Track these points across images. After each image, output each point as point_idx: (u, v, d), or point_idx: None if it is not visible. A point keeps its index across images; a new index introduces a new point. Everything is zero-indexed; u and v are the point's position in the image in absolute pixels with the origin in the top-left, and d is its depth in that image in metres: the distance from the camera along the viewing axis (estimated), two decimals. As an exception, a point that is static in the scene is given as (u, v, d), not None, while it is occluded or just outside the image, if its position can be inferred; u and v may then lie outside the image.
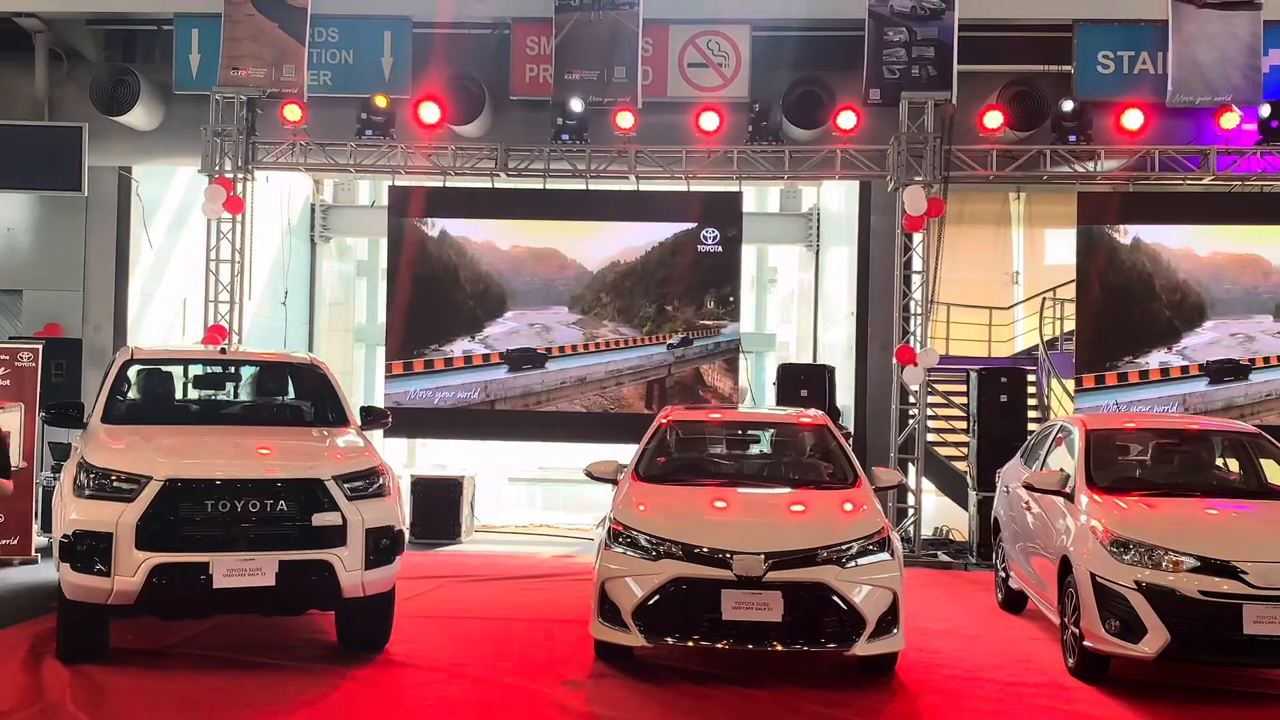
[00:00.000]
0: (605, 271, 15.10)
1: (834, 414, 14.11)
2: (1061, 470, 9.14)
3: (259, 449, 8.39)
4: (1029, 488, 9.39)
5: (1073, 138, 14.13)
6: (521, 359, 14.98)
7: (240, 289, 14.75)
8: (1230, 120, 14.02)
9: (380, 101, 14.32)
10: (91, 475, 7.78)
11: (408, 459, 20.08)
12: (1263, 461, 9.47)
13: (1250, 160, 14.16)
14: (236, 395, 10.60)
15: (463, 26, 15.30)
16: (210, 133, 14.54)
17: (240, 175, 14.66)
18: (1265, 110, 13.93)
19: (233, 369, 10.29)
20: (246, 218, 14.82)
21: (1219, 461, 9.89)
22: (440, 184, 15.09)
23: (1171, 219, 14.60)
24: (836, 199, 18.30)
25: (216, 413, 9.91)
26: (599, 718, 7.17)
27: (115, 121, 14.93)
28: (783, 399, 14.61)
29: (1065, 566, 8.41)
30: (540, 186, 14.99)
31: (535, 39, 14.76)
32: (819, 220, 19.39)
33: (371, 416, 9.57)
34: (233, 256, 14.70)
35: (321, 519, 7.76)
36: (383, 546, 8.01)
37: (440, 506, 14.41)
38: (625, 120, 14.21)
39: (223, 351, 10.62)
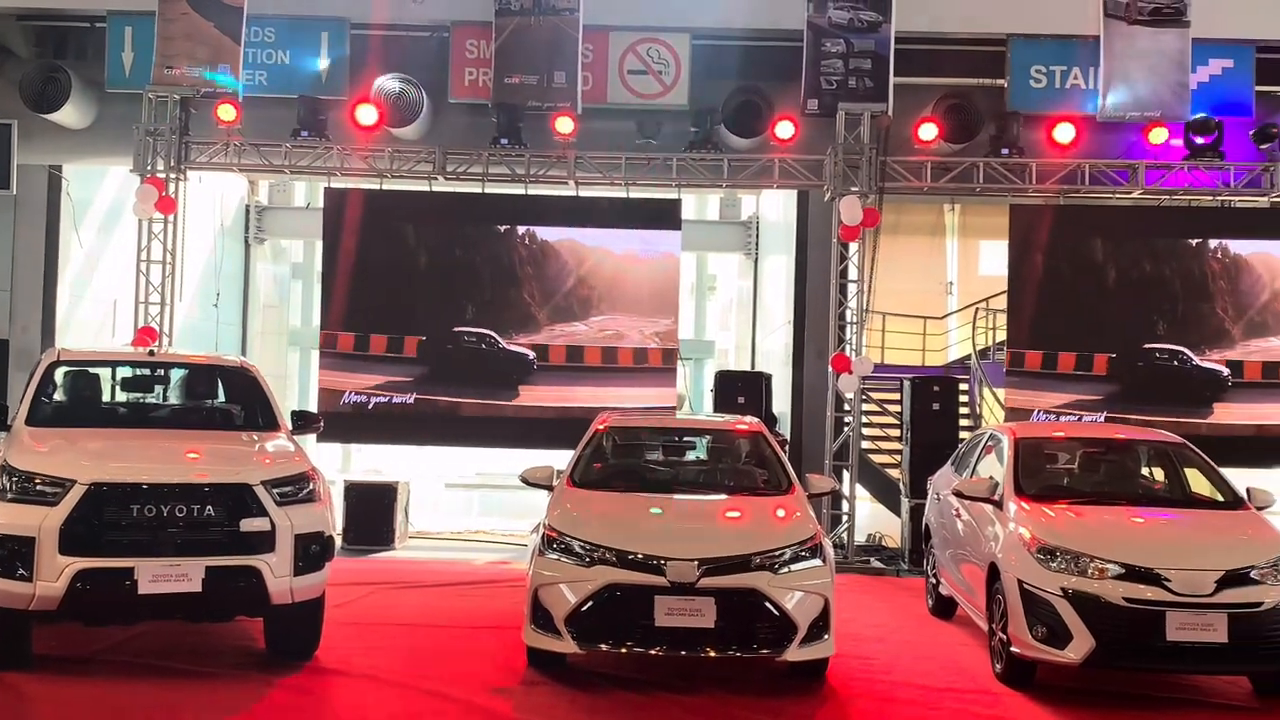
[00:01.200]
0: (549, 277, 15.04)
1: (770, 421, 14.18)
2: (991, 478, 9.24)
3: (187, 453, 8.26)
4: (959, 495, 9.48)
5: (1005, 151, 14.33)
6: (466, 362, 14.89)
7: (171, 290, 14.52)
8: (1159, 135, 14.28)
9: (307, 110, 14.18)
10: (14, 478, 7.61)
11: (343, 464, 19.89)
12: (1187, 471, 9.64)
13: (1178, 175, 14.44)
14: (165, 398, 10.43)
15: (401, 29, 15.22)
16: (142, 132, 14.32)
17: (173, 175, 14.44)
18: (1196, 128, 14.20)
19: (162, 371, 10.11)
20: (179, 218, 14.60)
21: (1145, 470, 10.05)
22: (377, 186, 14.96)
23: (1101, 232, 14.82)
24: (775, 208, 18.42)
25: (144, 416, 9.71)
26: (529, 725, 7.14)
27: (46, 119, 14.65)
28: (720, 406, 14.65)
29: (994, 573, 8.50)
30: (479, 190, 14.91)
31: (475, 42, 14.70)
32: (758, 228, 19.50)
33: (303, 420, 9.45)
34: (164, 258, 14.48)
35: (250, 524, 7.66)
36: (312, 553, 7.92)
37: (374, 512, 14.26)
38: (565, 125, 14.19)
39: (151, 354, 10.43)
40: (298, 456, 8.40)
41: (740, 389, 14.77)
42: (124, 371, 10.18)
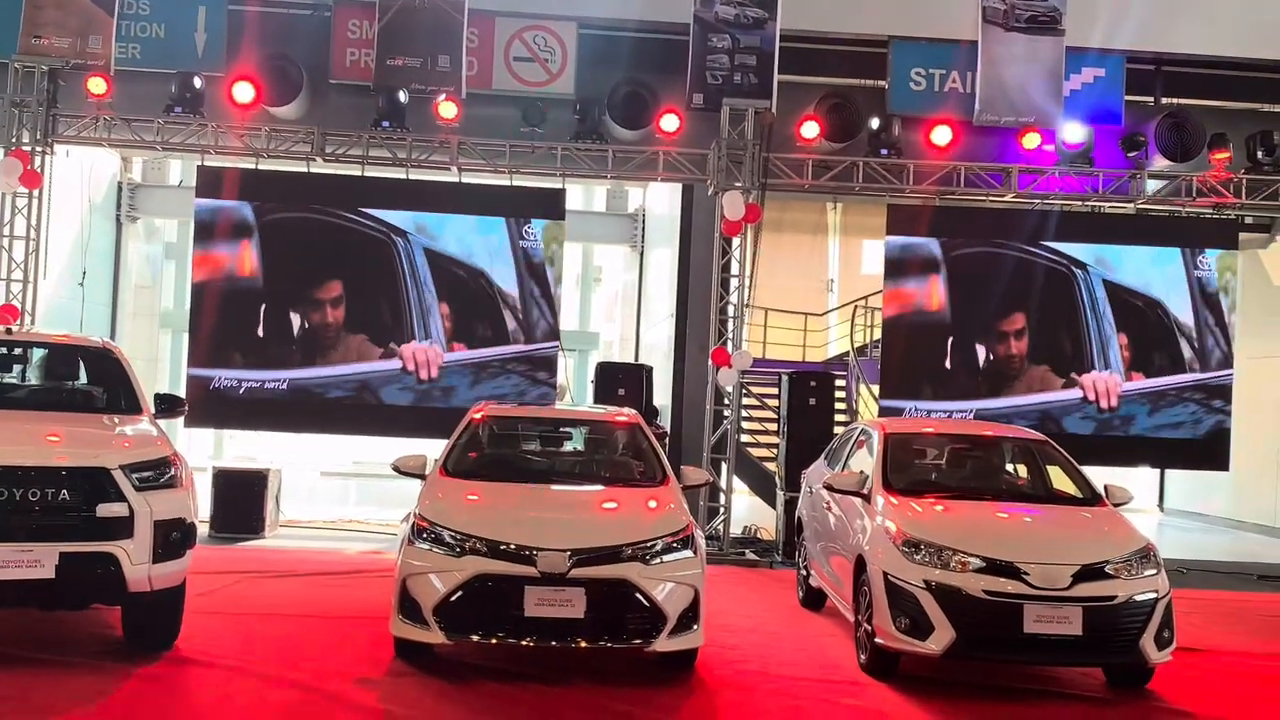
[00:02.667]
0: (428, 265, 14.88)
1: (651, 413, 14.24)
2: (861, 472, 9.38)
3: (44, 435, 7.96)
4: (829, 488, 9.61)
5: (885, 151, 14.57)
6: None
7: (35, 268, 14.04)
8: (1032, 140, 14.67)
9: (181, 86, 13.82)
10: None
11: (214, 451, 19.45)
12: (1049, 468, 9.91)
13: (1049, 179, 14.84)
14: (24, 379, 10.05)
15: (281, 6, 14.95)
16: (8, 103, 13.84)
17: (39, 149, 13.98)
18: (1066, 133, 14.60)
19: (20, 351, 9.75)
20: (44, 193, 14.13)
21: (1009, 467, 10.31)
22: (253, 166, 14.64)
23: (976, 233, 15.16)
24: (662, 201, 18.48)
25: (1, 396, 9.36)
26: (391, 715, 7.04)
27: (-98, 85, 14.03)
28: (601, 397, 14.66)
29: (860, 565, 8.63)
30: (359, 173, 14.68)
31: (358, 22, 14.50)
32: (644, 221, 19.54)
33: (167, 405, 9.18)
34: (28, 233, 13.99)
35: (107, 509, 7.41)
36: (173, 539, 7.71)
37: (243, 500, 13.91)
38: (448, 110, 14.05)
39: (9, 332, 10.04)
40: (159, 441, 8.16)
41: (622, 381, 14.79)
42: (-21, 350, 9.79)
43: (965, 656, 7.99)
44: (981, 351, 15.02)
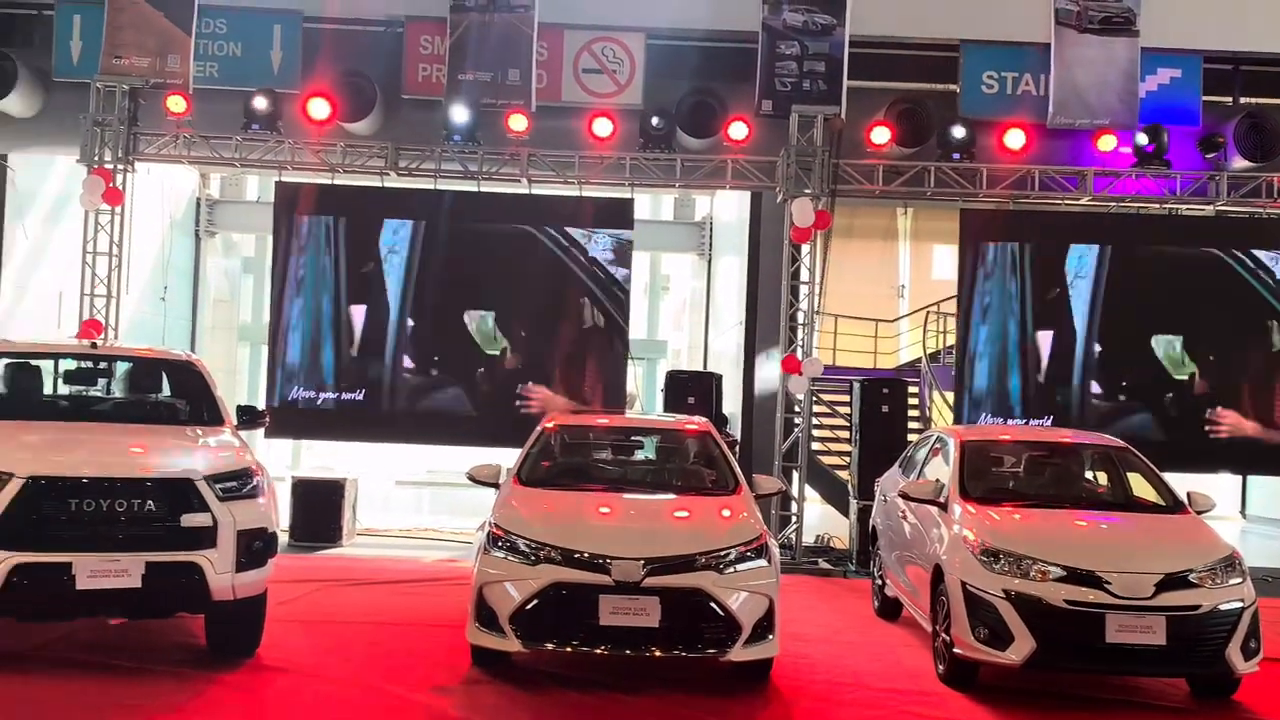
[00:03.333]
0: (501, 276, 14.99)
1: (720, 421, 14.20)
2: (937, 480, 9.29)
3: (129, 447, 8.14)
4: (905, 497, 9.52)
5: (957, 155, 14.43)
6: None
7: (118, 283, 14.33)
8: (1108, 143, 14.45)
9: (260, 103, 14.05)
10: (-51, 472, 7.45)
11: (292, 461, 19.73)
12: (1129, 475, 9.75)
13: (1125, 182, 14.61)
14: (109, 392, 10.28)
15: (355, 23, 15.14)
16: (90, 122, 14.12)
17: (120, 166, 14.26)
18: (1141, 137, 14.36)
19: (105, 365, 9.97)
20: (126, 210, 14.42)
21: (1088, 474, 10.15)
22: (329, 181, 14.85)
23: (1051, 237, 14.95)
24: (729, 209, 18.45)
25: (86, 409, 9.54)
26: (470, 723, 7.10)
27: (-10, 107, 14.44)
28: (670, 406, 14.66)
29: (938, 575, 8.54)
30: (431, 187, 14.83)
31: (429, 38, 14.63)
32: (711, 229, 19.53)
33: (249, 416, 9.35)
34: (110, 249, 14.29)
35: (191, 520, 7.55)
36: (255, 549, 7.83)
37: (321, 509, 14.12)
38: (518, 123, 14.15)
39: (94, 346, 10.26)
40: (242, 452, 8.30)
41: (691, 389, 14.78)
42: (67, 364, 10.02)
43: (1046, 667, 7.89)
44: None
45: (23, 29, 15.94)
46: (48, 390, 9.69)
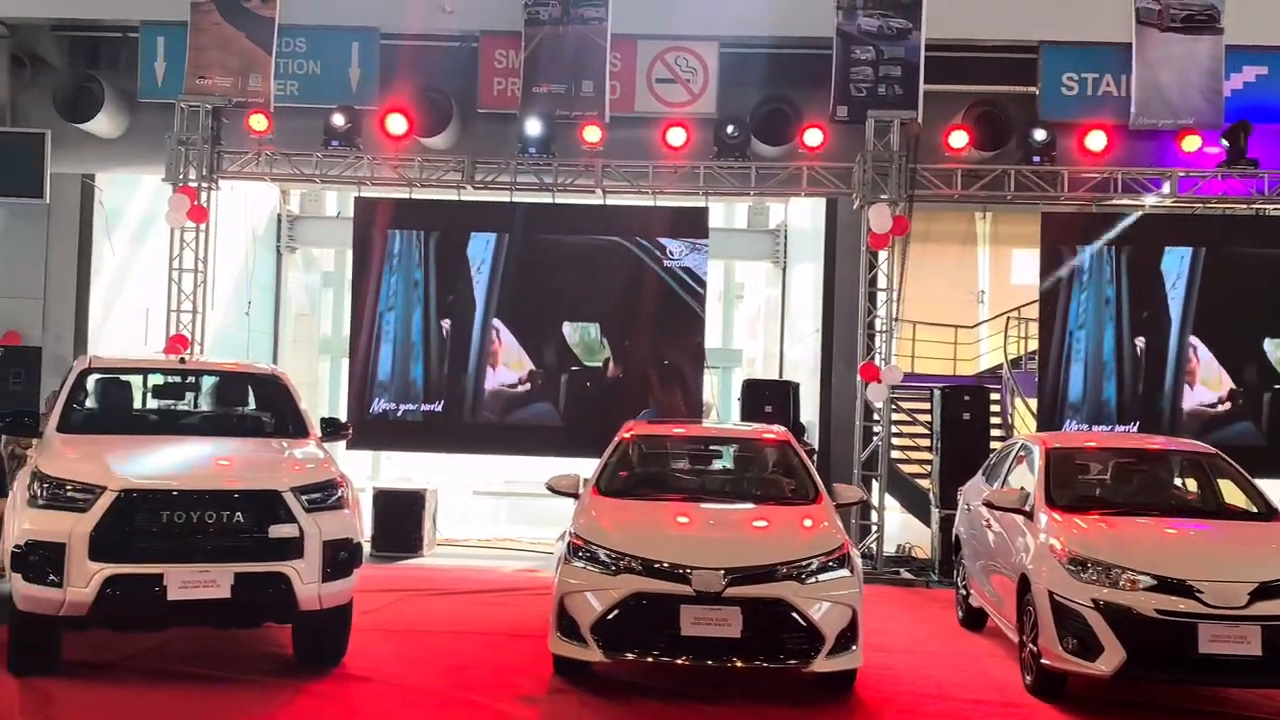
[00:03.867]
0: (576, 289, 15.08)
1: (798, 430, 14.14)
2: (1022, 488, 9.18)
3: (217, 460, 8.33)
4: (989, 505, 9.42)
5: (1037, 158, 14.24)
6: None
7: (203, 299, 14.64)
8: (1192, 143, 14.17)
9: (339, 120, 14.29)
10: (45, 485, 7.68)
11: (372, 472, 19.97)
12: (1220, 481, 9.55)
13: (1211, 183, 14.32)
14: (197, 405, 10.51)
15: (431, 39, 15.28)
16: (174, 141, 14.44)
17: (205, 184, 14.56)
18: (1228, 135, 14.07)
19: (193, 379, 10.20)
20: (210, 227, 14.72)
21: (1177, 481, 9.97)
22: (407, 195, 15.05)
23: (1134, 240, 14.69)
24: (804, 216, 18.37)
25: (175, 423, 9.78)
26: (555, 733, 7.14)
27: (79, 129, 14.79)
28: (747, 415, 14.62)
29: (1024, 584, 8.44)
30: (507, 199, 14.97)
31: (504, 52, 14.75)
32: (786, 237, 19.46)
33: (332, 428, 9.50)
34: (196, 266, 14.59)
35: (278, 531, 7.70)
36: (340, 559, 7.95)
37: (402, 519, 14.32)
38: (592, 134, 14.22)
39: (183, 361, 10.50)
40: (326, 463, 8.44)
41: (768, 398, 14.73)
42: (155, 379, 10.27)
43: (1136, 677, 7.75)
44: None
45: (108, 52, 16.35)
46: (137, 405, 9.94)
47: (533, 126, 14.28)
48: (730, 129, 14.49)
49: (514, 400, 15.00)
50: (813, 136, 14.19)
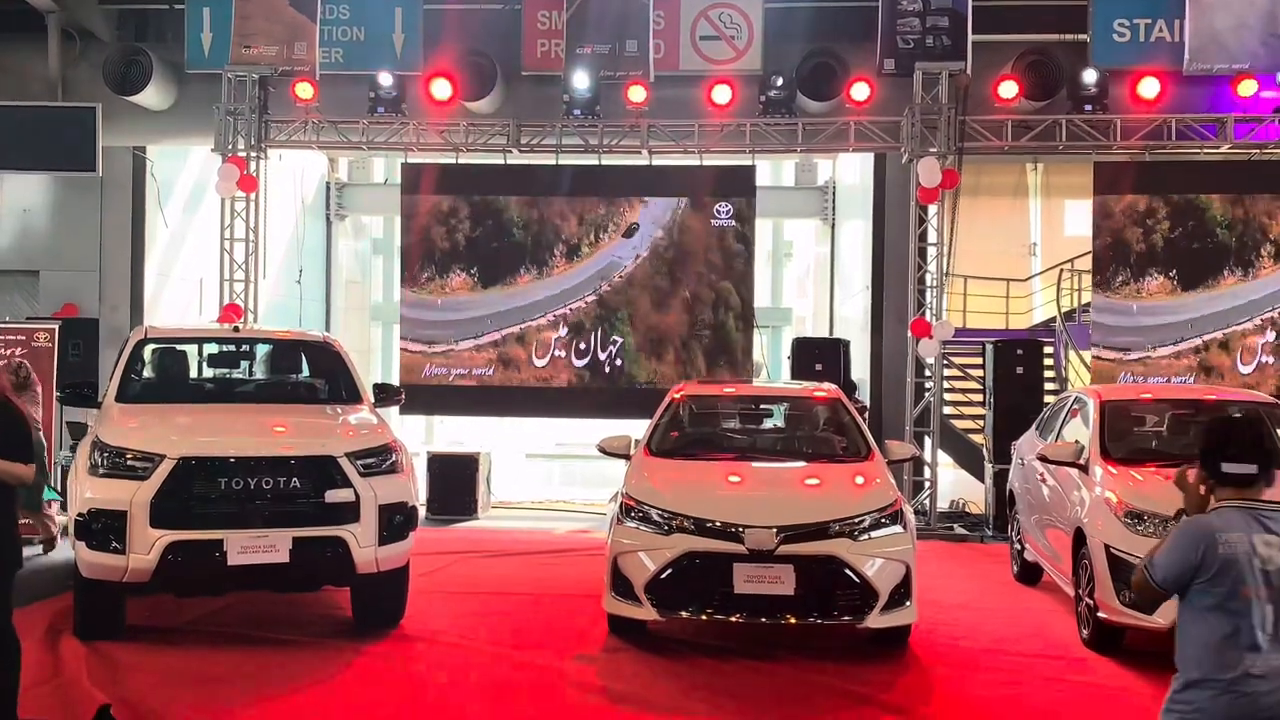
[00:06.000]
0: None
1: (849, 388, 14.08)
2: (1076, 442, 9.10)
3: (273, 427, 8.44)
4: (1043, 460, 9.37)
5: (1089, 107, 14.00)
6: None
7: (255, 267, 14.77)
8: (1248, 88, 13.85)
9: (385, 79, 14.29)
10: (105, 454, 7.82)
11: (425, 436, 20.16)
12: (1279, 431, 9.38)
13: (1269, 128, 14.02)
14: (251, 373, 10.63)
15: (474, 1, 15.26)
16: (223, 112, 14.53)
17: (253, 154, 14.66)
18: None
19: (247, 347, 10.32)
20: (260, 196, 14.84)
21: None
22: (453, 160, 15.07)
23: (1189, 188, 14.44)
24: (852, 172, 18.22)
25: (230, 391, 9.93)
26: (611, 691, 7.19)
27: (128, 101, 14.91)
28: (797, 373, 14.59)
29: (1080, 538, 8.38)
30: (553, 162, 14.95)
31: (546, 13, 14.67)
32: (834, 193, 19.31)
33: (385, 394, 9.61)
34: (247, 235, 14.72)
35: (335, 495, 7.80)
36: (396, 523, 8.05)
37: (456, 483, 14.43)
38: (637, 94, 14.14)
39: (236, 330, 10.63)
40: (380, 429, 8.53)
41: (818, 356, 14.68)
42: (210, 348, 10.41)
43: (1195, 631, 7.66)
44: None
45: (155, 24, 16.45)
46: (193, 374, 10.08)
47: (577, 87, 14.22)
48: (776, 85, 14.35)
49: (564, 364, 15.04)
50: (860, 91, 14.02)
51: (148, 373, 9.42)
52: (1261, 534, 3.88)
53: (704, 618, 7.72)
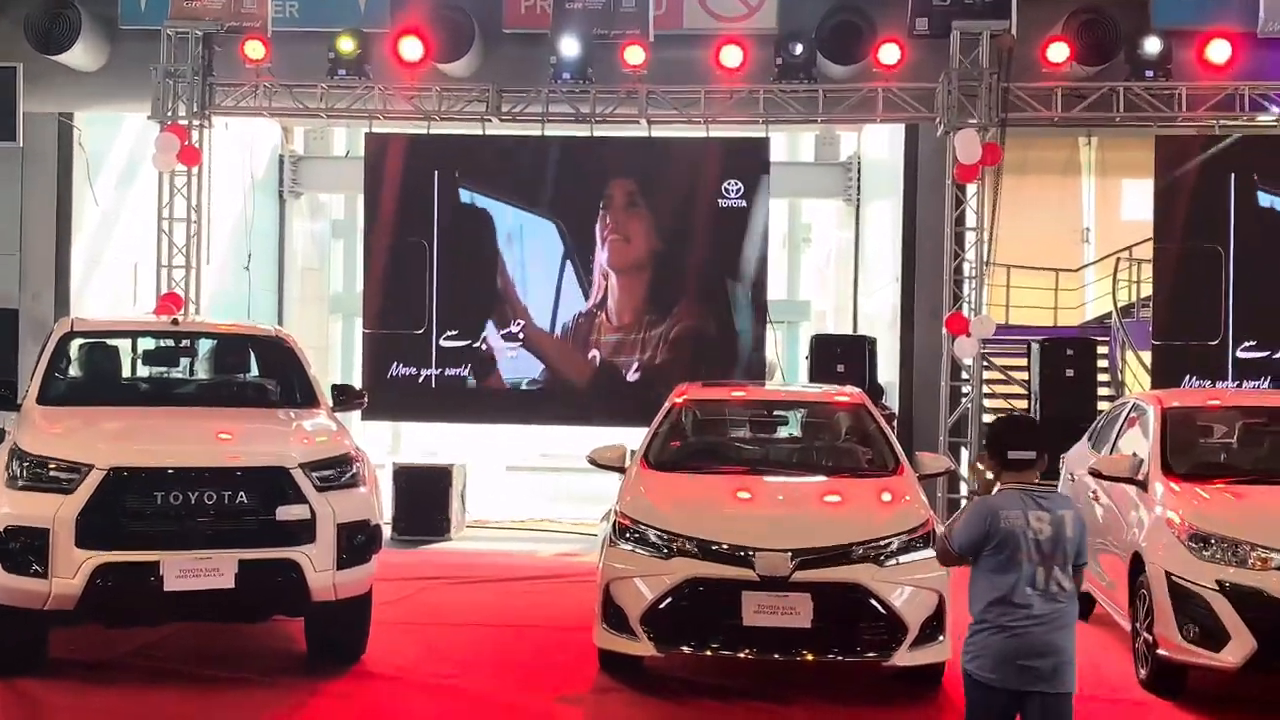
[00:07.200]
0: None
1: (875, 392, 14.11)
2: (1134, 455, 9.12)
3: (217, 433, 8.43)
4: (1096, 475, 9.38)
5: (1150, 73, 14.01)
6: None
7: (197, 252, 14.77)
8: (1332, 52, 13.92)
9: (346, 44, 14.24)
10: (25, 464, 7.80)
11: (392, 445, 20.15)
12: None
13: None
14: (192, 372, 10.64)
15: (448, -51, 15.24)
16: (161, 73, 14.53)
17: (196, 122, 14.66)
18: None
19: (188, 343, 10.31)
20: (204, 170, 14.83)
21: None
22: (424, 131, 15.06)
23: (1262, 165, 14.44)
24: (879, 146, 18.24)
25: (169, 392, 9.94)
26: (601, 737, 7.20)
27: (53, 61, 14.89)
28: (816, 374, 14.61)
29: (1137, 564, 8.41)
30: (538, 133, 14.95)
31: (532, -36, 14.72)
32: (859, 170, 19.32)
33: (345, 396, 9.59)
34: (188, 215, 14.72)
35: (287, 512, 7.78)
36: (357, 543, 8.04)
37: (426, 499, 14.42)
38: (635, 56, 14.13)
39: (175, 323, 10.62)
40: (339, 436, 8.53)
41: (840, 355, 14.70)
42: (146, 343, 10.41)
43: (1268, 670, 7.69)
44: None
45: (85, -26, 16.45)
46: (126, 372, 10.08)
47: (566, 48, 14.22)
48: (794, 46, 14.36)
49: (544, 363, 15.04)
50: (889, 53, 14.04)
51: (74, 371, 9.41)
52: (1035, 510, 5.39)
53: (708, 653, 7.71)
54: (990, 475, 5.59)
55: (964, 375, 14.41)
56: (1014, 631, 5.32)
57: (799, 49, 14.35)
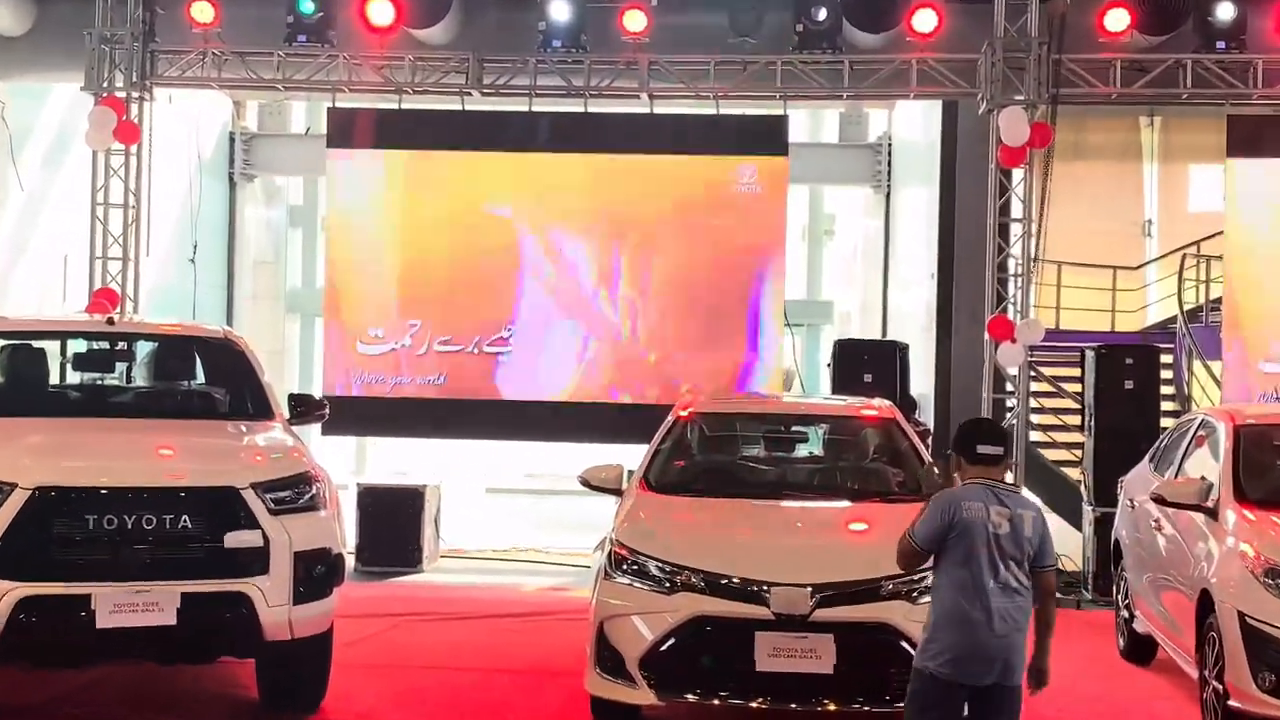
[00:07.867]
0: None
1: (908, 405, 14.12)
2: (1202, 479, 9.13)
3: (157, 449, 8.41)
4: (1159, 501, 9.39)
5: (1221, 44, 14.05)
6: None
7: (136, 242, 14.79)
8: None
9: (307, 6, 14.27)
10: (-63, 483, 7.78)
11: (356, 463, 20.16)
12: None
13: None
14: (129, 379, 10.63)
15: (424, -100, 15.27)
16: (96, 39, 14.56)
17: (135, 94, 14.69)
18: None
19: (125, 345, 10.30)
20: (144, 149, 14.84)
21: None
22: (395, 105, 15.08)
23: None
24: (914, 126, 18.28)
25: (103, 402, 9.93)
26: (594, 798, 7.20)
27: (-29, 25, 14.97)
28: (841, 385, 14.60)
29: (1205, 603, 8.40)
30: (525, 108, 14.97)
31: (518, -83, 14.76)
32: (889, 153, 19.35)
33: (303, 407, 9.58)
34: (126, 200, 14.74)
35: (236, 539, 7.76)
36: (316, 575, 8.03)
37: (395, 525, 14.46)
38: (635, 22, 14.17)
39: (110, 322, 10.61)
40: (297, 453, 8.53)
41: (867, 363, 14.70)
42: (76, 346, 10.38)
43: (1355, 725, 7.69)
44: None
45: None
46: (54, 379, 10.07)
47: (557, 11, 14.26)
48: (816, 12, 14.39)
49: (531, 370, 15.06)
50: (924, 20, 14.07)
51: (-6, 377, 9.42)
52: (996, 505, 6.06)
53: (716, 702, 7.70)
54: (956, 474, 6.32)
55: (1008, 387, 14.43)
56: (974, 624, 5.93)
57: (822, 14, 14.39)
